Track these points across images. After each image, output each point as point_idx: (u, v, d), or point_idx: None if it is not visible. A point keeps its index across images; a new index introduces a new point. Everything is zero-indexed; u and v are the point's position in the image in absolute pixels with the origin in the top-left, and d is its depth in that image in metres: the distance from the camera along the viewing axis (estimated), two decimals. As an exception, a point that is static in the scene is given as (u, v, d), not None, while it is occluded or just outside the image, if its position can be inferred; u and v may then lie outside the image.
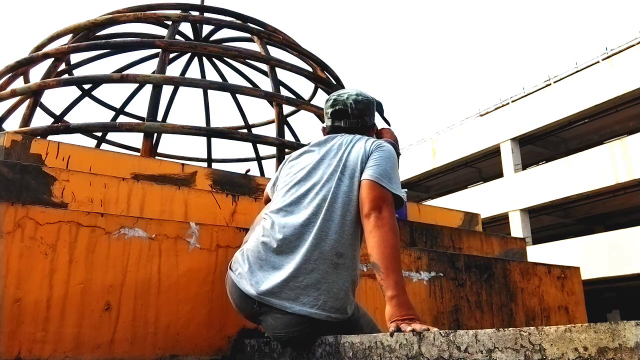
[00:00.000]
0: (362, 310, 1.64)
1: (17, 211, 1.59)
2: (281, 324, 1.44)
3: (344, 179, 1.55)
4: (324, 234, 1.47)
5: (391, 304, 1.37)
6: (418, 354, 1.10)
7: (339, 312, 1.46)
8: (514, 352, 0.91)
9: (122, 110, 5.56)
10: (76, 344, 1.57)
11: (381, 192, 1.48)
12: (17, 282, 1.54)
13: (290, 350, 1.53)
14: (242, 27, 4.23)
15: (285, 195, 1.59)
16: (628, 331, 0.76)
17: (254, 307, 1.48)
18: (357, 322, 1.56)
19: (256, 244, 1.53)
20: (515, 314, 2.69)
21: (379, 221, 1.44)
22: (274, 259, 1.48)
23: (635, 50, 14.04)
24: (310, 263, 1.44)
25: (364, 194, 1.49)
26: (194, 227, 1.87)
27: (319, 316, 1.41)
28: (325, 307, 1.42)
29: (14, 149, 2.31)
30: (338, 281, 1.45)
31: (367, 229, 1.46)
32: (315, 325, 1.43)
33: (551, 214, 17.45)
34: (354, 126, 1.73)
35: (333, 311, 1.44)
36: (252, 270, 1.50)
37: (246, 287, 1.48)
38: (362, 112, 1.74)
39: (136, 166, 2.55)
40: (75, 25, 3.83)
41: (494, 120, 17.87)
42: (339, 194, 1.52)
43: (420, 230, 3.01)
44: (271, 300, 1.43)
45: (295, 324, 1.42)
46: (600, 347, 0.79)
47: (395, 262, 1.41)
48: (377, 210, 1.45)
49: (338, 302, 1.45)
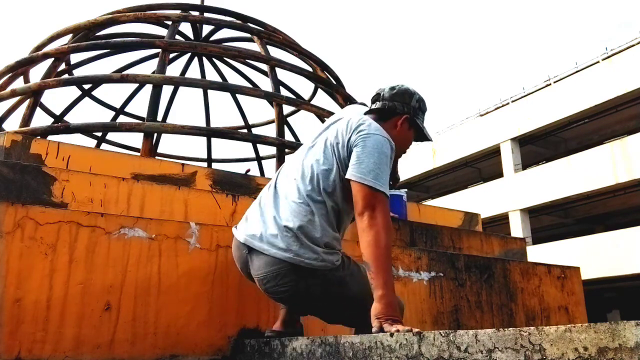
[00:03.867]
0: (355, 270, 1.67)
1: (17, 211, 1.59)
2: (263, 263, 1.57)
3: (317, 149, 1.66)
4: (300, 193, 1.59)
5: (380, 303, 1.42)
6: (418, 354, 1.10)
7: (314, 260, 1.54)
8: (514, 352, 0.91)
9: (122, 110, 5.56)
10: (76, 344, 1.57)
11: (371, 191, 1.50)
12: (17, 282, 1.54)
13: (291, 350, 1.53)
14: (242, 27, 4.23)
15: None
16: (628, 331, 0.76)
17: (244, 252, 1.63)
18: (344, 279, 1.62)
19: (254, 203, 1.75)
20: (515, 314, 2.69)
21: (372, 221, 1.47)
22: (261, 210, 1.65)
23: (635, 50, 14.03)
24: (287, 214, 1.57)
25: (355, 193, 1.52)
26: (194, 227, 1.87)
27: (292, 260, 1.53)
28: (299, 252, 1.53)
29: (14, 149, 2.31)
30: (313, 231, 1.55)
31: (360, 228, 1.50)
32: (295, 270, 1.54)
33: (551, 214, 17.44)
34: (383, 107, 1.73)
35: (307, 257, 1.53)
36: (246, 221, 1.69)
37: (238, 234, 1.67)
38: (393, 96, 1.73)
39: (136, 166, 2.55)
40: (75, 25, 3.83)
41: (494, 120, 17.86)
42: (310, 164, 1.63)
43: (420, 230, 3.01)
44: (254, 243, 1.58)
45: (273, 264, 1.55)
46: (600, 347, 0.79)
47: (385, 262, 1.45)
48: (370, 210, 1.48)
49: (312, 250, 1.54)
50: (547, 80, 17.07)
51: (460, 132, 19.17)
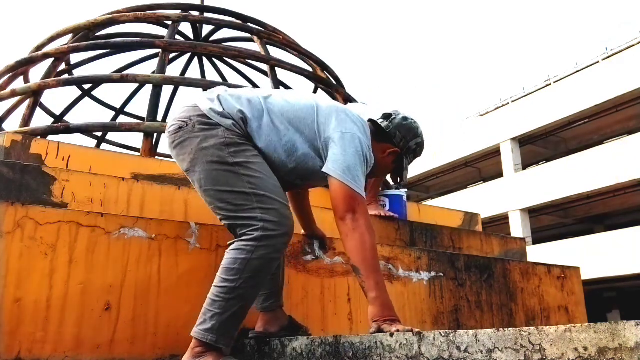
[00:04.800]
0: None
1: (17, 211, 1.59)
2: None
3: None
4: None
5: (375, 305, 1.42)
6: (418, 354, 1.11)
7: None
8: (514, 352, 0.91)
9: (122, 110, 5.55)
10: (76, 344, 1.57)
11: (350, 192, 1.51)
12: (17, 282, 1.54)
13: (291, 350, 1.53)
14: (242, 27, 4.23)
15: None
16: (628, 331, 0.76)
17: None
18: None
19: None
20: (515, 314, 2.69)
21: (354, 223, 1.48)
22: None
23: (635, 50, 14.04)
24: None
25: (334, 194, 1.52)
26: (194, 227, 1.87)
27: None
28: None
29: (14, 149, 2.31)
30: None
31: (343, 232, 1.50)
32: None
33: (551, 214, 17.44)
34: (386, 129, 1.76)
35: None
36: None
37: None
38: (400, 126, 1.77)
39: (136, 166, 2.55)
40: (75, 25, 3.83)
41: (494, 120, 17.86)
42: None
43: (420, 230, 3.01)
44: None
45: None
46: (600, 347, 0.79)
47: (374, 263, 1.47)
48: (351, 213, 1.49)
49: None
50: (547, 80, 17.08)
51: (460, 132, 19.16)
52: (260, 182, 1.49)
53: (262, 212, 1.45)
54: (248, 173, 1.49)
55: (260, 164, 1.53)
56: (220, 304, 1.43)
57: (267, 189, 1.49)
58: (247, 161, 1.50)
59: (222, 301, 1.43)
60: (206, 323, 1.43)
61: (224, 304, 1.43)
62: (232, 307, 1.43)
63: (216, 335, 1.42)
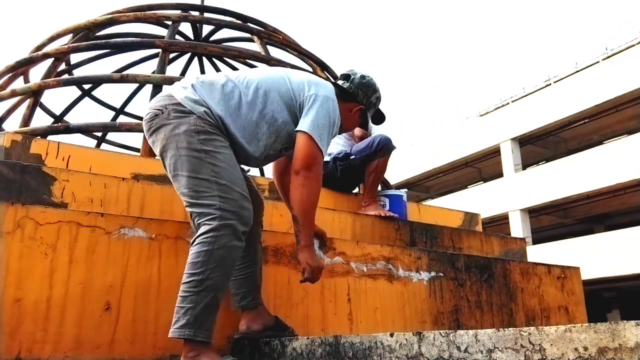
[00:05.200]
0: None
1: (17, 211, 1.59)
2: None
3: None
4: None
5: (303, 252, 1.65)
6: (418, 354, 1.11)
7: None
8: (514, 352, 0.91)
9: (122, 110, 5.55)
10: (76, 344, 1.57)
11: (314, 150, 1.65)
12: (17, 282, 1.54)
13: (291, 350, 1.53)
14: (242, 27, 4.23)
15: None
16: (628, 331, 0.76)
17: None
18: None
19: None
20: (515, 314, 2.69)
21: (307, 180, 1.62)
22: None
23: (635, 50, 14.04)
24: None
25: (299, 147, 1.65)
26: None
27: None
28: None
29: (14, 149, 2.31)
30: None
31: (295, 185, 1.63)
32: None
33: (551, 214, 17.44)
34: (348, 90, 1.93)
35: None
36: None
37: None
38: (360, 85, 1.95)
39: (136, 166, 2.55)
40: (75, 25, 3.83)
41: (494, 120, 17.86)
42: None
43: (420, 230, 3.01)
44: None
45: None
46: (600, 347, 0.79)
47: (312, 217, 1.67)
48: (307, 170, 1.63)
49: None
50: (547, 80, 17.08)
51: (460, 132, 19.16)
52: (224, 171, 1.54)
53: (220, 200, 1.51)
54: (213, 162, 1.54)
55: (226, 154, 1.59)
56: (192, 298, 1.46)
57: (228, 179, 1.54)
58: (215, 150, 1.56)
59: (192, 295, 1.46)
60: (180, 320, 1.46)
61: (195, 297, 1.46)
62: (204, 299, 1.46)
63: (192, 329, 1.45)
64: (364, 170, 2.99)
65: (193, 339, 1.45)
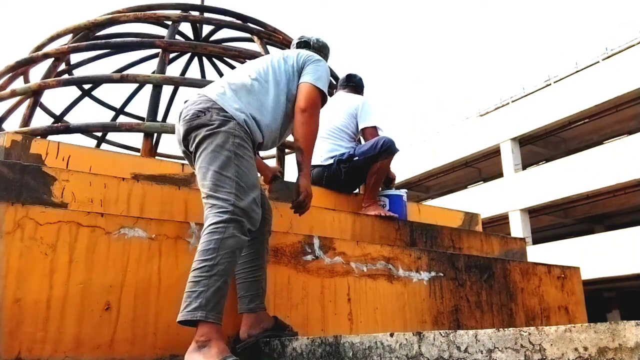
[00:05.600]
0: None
1: (17, 211, 1.59)
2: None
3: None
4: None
5: (303, 177, 1.89)
6: (418, 354, 1.11)
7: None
8: (514, 352, 0.91)
9: (122, 110, 5.56)
10: (76, 344, 1.57)
11: (318, 96, 1.93)
12: (17, 282, 1.54)
13: (291, 350, 1.53)
14: (242, 27, 4.23)
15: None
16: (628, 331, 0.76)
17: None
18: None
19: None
20: (515, 314, 2.69)
21: (311, 118, 1.89)
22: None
23: (635, 50, 14.03)
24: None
25: (307, 91, 1.91)
26: (194, 227, 1.87)
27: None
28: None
29: (14, 149, 2.31)
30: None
31: (300, 120, 1.88)
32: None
33: (551, 214, 17.44)
34: (315, 53, 2.15)
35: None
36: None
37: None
38: (320, 47, 2.34)
39: (136, 166, 2.55)
40: (75, 25, 3.83)
41: (494, 120, 17.85)
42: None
43: (420, 230, 3.01)
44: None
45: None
46: (600, 347, 0.79)
47: (313, 149, 1.96)
48: (313, 108, 1.90)
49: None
50: (547, 80, 17.08)
51: (460, 132, 19.16)
52: (245, 176, 1.69)
53: (236, 198, 1.63)
54: (239, 164, 1.69)
55: (251, 163, 1.75)
56: (204, 282, 1.52)
57: (247, 183, 1.68)
58: (243, 156, 1.72)
59: (204, 279, 1.53)
60: (192, 303, 1.51)
61: (207, 281, 1.53)
62: (215, 282, 1.53)
63: (205, 311, 1.50)
64: (366, 171, 2.99)
65: (205, 320, 1.50)
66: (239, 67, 2.09)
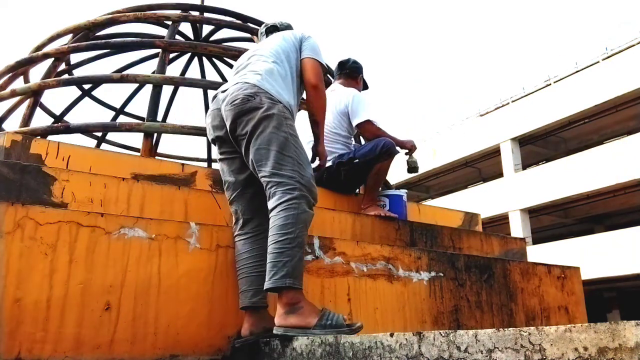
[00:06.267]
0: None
1: (17, 211, 1.59)
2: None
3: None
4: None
5: (323, 145, 2.32)
6: (418, 354, 1.11)
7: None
8: (514, 352, 0.91)
9: (122, 110, 5.55)
10: (76, 344, 1.57)
11: (321, 69, 2.12)
12: (17, 282, 1.54)
13: (290, 350, 1.53)
14: (242, 27, 4.23)
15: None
16: (628, 331, 0.76)
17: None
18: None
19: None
20: (515, 314, 2.69)
21: (322, 92, 2.10)
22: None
23: (635, 50, 14.04)
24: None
25: (313, 67, 2.08)
26: (194, 227, 1.87)
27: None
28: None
29: (14, 149, 2.31)
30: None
31: (313, 95, 2.07)
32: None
33: (551, 214, 17.44)
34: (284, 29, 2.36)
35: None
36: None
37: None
38: (288, 27, 2.41)
39: (136, 166, 2.55)
40: (75, 25, 3.83)
41: (494, 120, 17.86)
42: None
43: (420, 230, 3.01)
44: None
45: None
46: (600, 347, 0.79)
47: (325, 119, 2.23)
48: (321, 82, 2.07)
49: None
50: (547, 80, 17.08)
51: (460, 132, 19.16)
52: (301, 154, 1.84)
53: (299, 176, 1.77)
54: (295, 144, 1.84)
55: (301, 142, 1.90)
56: (287, 252, 1.66)
57: (304, 160, 1.84)
58: (296, 136, 1.88)
59: (288, 250, 1.66)
60: (280, 272, 1.64)
61: (290, 252, 1.66)
62: (297, 253, 1.68)
63: (292, 278, 1.64)
64: (366, 173, 2.99)
65: (293, 286, 1.63)
66: (245, 54, 2.19)
